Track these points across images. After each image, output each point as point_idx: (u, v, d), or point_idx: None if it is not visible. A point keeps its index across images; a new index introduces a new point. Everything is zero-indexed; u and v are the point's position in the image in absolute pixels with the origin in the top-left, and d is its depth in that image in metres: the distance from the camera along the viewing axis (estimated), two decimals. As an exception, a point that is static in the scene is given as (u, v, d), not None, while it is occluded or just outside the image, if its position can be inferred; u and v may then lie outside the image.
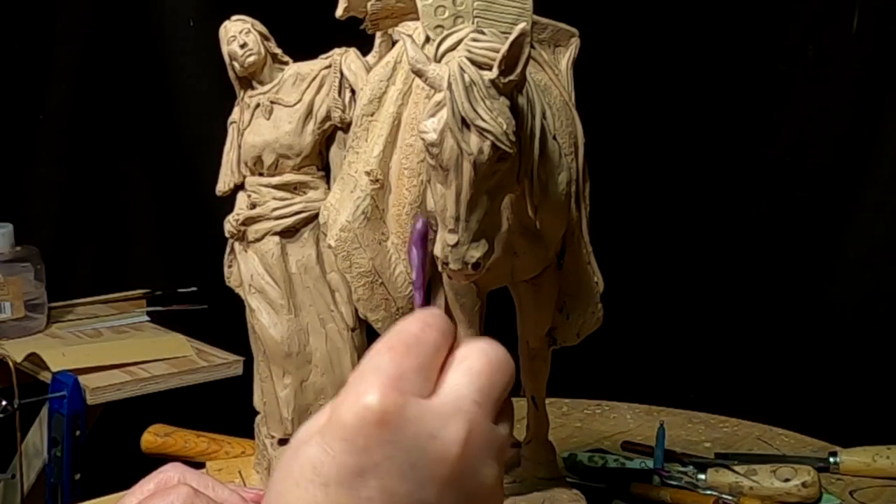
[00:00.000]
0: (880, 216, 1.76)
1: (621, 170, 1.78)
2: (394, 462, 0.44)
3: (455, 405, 0.46)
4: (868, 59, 1.74)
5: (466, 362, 0.48)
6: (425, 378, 0.47)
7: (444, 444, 0.45)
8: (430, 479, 0.45)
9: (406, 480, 0.44)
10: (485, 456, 0.47)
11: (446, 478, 0.45)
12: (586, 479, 1.33)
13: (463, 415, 0.46)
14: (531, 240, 1.03)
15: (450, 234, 0.91)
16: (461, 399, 0.47)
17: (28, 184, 1.89)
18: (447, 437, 0.45)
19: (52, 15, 1.82)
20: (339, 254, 1.09)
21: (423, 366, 0.47)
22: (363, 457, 0.44)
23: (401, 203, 1.07)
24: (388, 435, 0.44)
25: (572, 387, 1.63)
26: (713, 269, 1.85)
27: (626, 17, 1.77)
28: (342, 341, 1.30)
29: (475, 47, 0.91)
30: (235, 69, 1.30)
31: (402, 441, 0.44)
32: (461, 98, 0.88)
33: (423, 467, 0.45)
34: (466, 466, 0.46)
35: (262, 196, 1.31)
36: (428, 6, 1.00)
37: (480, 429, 0.47)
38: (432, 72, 0.91)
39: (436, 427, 0.45)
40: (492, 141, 0.88)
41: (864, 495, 1.35)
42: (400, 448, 0.44)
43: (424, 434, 0.45)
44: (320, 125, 1.29)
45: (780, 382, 1.75)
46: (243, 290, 1.32)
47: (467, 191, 0.90)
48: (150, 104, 1.89)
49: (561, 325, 1.15)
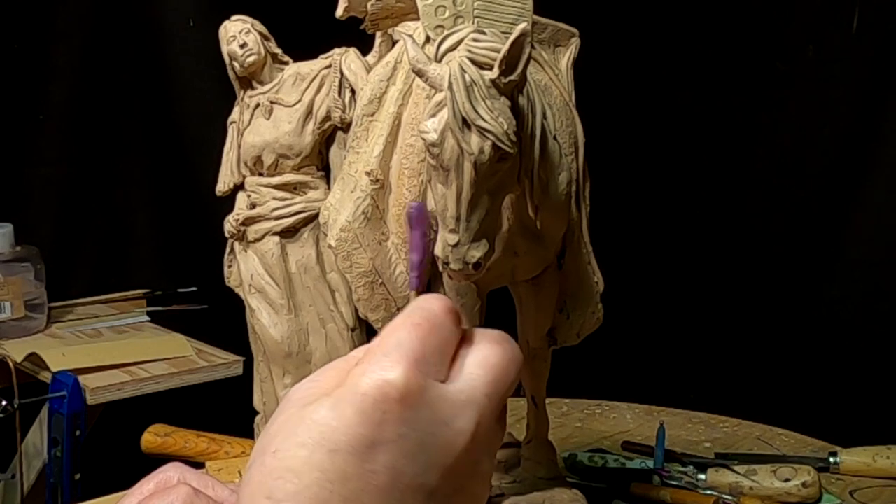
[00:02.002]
0: (880, 216, 1.76)
1: (621, 170, 1.78)
2: (406, 441, 0.44)
3: (469, 395, 0.46)
4: (868, 59, 1.74)
5: (483, 354, 0.48)
6: (441, 362, 0.47)
7: (454, 433, 0.45)
8: (436, 465, 0.45)
9: (414, 462, 0.44)
10: (486, 450, 0.47)
11: (450, 466, 0.45)
12: (586, 479, 1.33)
13: (475, 407, 0.46)
14: (532, 240, 1.03)
15: (450, 234, 0.91)
16: (475, 390, 0.46)
17: (28, 184, 1.89)
18: (458, 427, 0.45)
19: (52, 15, 1.82)
20: (340, 254, 1.09)
21: (442, 348, 0.47)
22: (377, 430, 0.43)
23: (401, 203, 1.07)
24: (407, 413, 0.44)
25: (572, 387, 1.63)
26: (713, 269, 1.85)
27: (626, 16, 1.77)
28: (342, 341, 1.30)
29: (476, 47, 0.91)
30: (235, 69, 1.30)
31: (418, 422, 0.44)
32: (462, 98, 0.88)
33: (431, 452, 0.44)
34: (470, 458, 0.46)
35: (262, 196, 1.31)
36: (428, 6, 1.01)
37: (487, 423, 0.46)
38: (433, 72, 0.91)
39: (449, 415, 0.45)
40: (493, 141, 0.88)
41: (864, 495, 1.35)
42: (414, 429, 0.44)
43: (438, 420, 0.45)
44: (320, 125, 1.29)
45: (780, 382, 1.75)
46: (243, 290, 1.32)
47: (468, 191, 0.90)
48: (150, 104, 1.89)
49: (561, 325, 1.16)
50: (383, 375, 0.44)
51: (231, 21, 1.30)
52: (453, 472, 0.45)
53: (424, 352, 0.46)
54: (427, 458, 0.44)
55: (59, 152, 1.89)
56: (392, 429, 0.43)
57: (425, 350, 0.46)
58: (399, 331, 0.46)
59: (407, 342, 0.46)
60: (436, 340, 0.46)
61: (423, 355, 0.45)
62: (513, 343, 0.49)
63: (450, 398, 0.46)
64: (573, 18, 1.05)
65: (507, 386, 0.48)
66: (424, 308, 0.48)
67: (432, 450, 0.44)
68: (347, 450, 0.43)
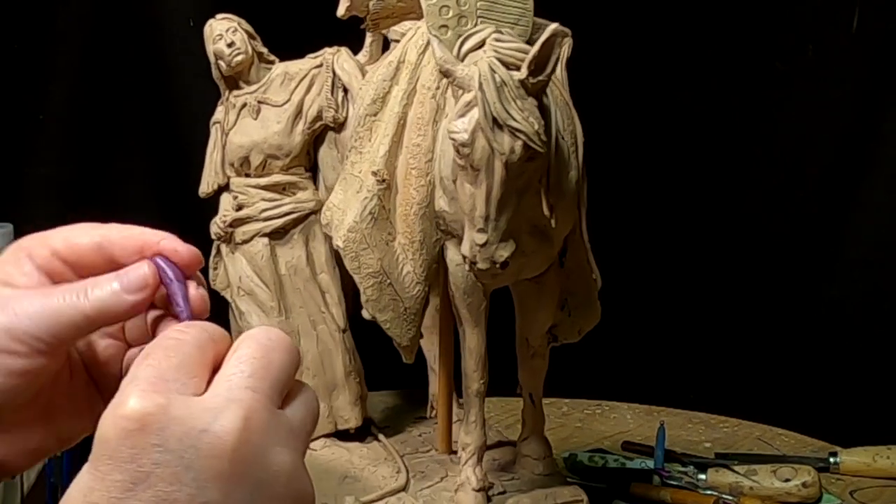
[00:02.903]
0: (880, 216, 1.75)
1: (621, 170, 1.78)
2: (166, 468, 0.42)
3: (227, 395, 0.44)
4: (868, 59, 1.74)
5: (236, 353, 0.46)
6: (189, 375, 0.45)
7: (217, 437, 0.43)
8: (211, 478, 0.42)
9: (183, 484, 0.42)
10: (270, 442, 0.44)
11: (227, 472, 0.43)
12: (586, 479, 1.33)
13: (236, 403, 0.44)
14: (539, 238, 1.03)
15: (479, 233, 0.92)
16: (233, 388, 0.45)
17: (28, 184, 1.89)
18: (219, 430, 0.43)
19: (52, 15, 1.82)
20: (348, 254, 1.09)
21: (185, 364, 0.45)
22: (131, 468, 0.42)
23: (408, 203, 1.07)
24: (154, 438, 0.42)
25: (572, 387, 1.63)
26: (713, 269, 1.85)
27: (625, 16, 1.77)
28: (333, 343, 1.29)
29: (501, 48, 0.92)
30: (221, 68, 1.28)
31: (170, 443, 0.42)
32: (493, 98, 0.89)
33: (199, 467, 0.42)
34: (248, 455, 0.43)
35: (250, 197, 1.29)
36: (432, 6, 1.01)
37: (260, 415, 0.44)
38: (461, 72, 0.92)
39: (206, 421, 0.43)
40: (524, 140, 0.90)
41: (864, 495, 1.35)
42: (169, 451, 0.42)
43: (194, 431, 0.43)
44: (310, 125, 1.27)
45: (780, 382, 1.75)
46: (231, 292, 1.30)
47: (498, 190, 0.91)
48: (150, 104, 1.89)
49: (563, 323, 1.16)
50: (115, 412, 0.43)
51: (216, 20, 1.28)
52: (236, 478, 0.43)
53: (159, 373, 0.44)
54: (198, 474, 0.42)
55: (59, 152, 1.89)
56: (146, 459, 0.42)
57: (161, 372, 0.44)
58: (133, 369, 0.45)
59: (139, 374, 0.44)
60: (175, 359, 0.45)
61: (157, 377, 0.44)
62: (270, 330, 0.48)
63: (204, 405, 0.44)
64: (572, 18, 1.05)
65: (277, 371, 0.46)
66: (157, 339, 0.47)
67: (200, 464, 0.42)
68: (109, 502, 0.42)
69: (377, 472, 1.23)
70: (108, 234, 0.54)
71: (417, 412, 1.39)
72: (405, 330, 1.11)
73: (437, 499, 1.17)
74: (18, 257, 0.53)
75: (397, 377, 1.44)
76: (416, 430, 1.35)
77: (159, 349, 0.46)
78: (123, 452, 0.42)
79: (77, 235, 0.54)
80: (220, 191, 1.32)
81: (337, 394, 1.29)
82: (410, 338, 1.13)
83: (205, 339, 0.47)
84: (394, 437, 1.32)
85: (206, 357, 0.46)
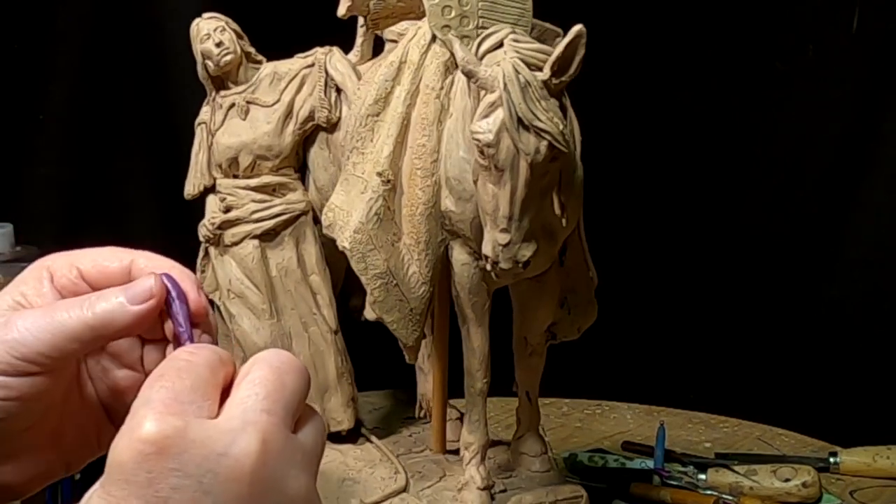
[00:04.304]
0: (880, 216, 1.76)
1: (621, 170, 1.78)
2: (184, 492, 0.41)
3: (242, 418, 0.44)
4: (868, 59, 1.74)
5: (249, 375, 0.46)
6: (204, 397, 0.44)
7: (236, 461, 0.42)
8: (230, 502, 0.42)
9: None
10: (287, 466, 0.44)
11: (246, 496, 0.42)
12: (586, 479, 1.33)
13: (253, 426, 0.43)
14: (545, 237, 1.03)
15: (501, 233, 0.93)
16: (248, 411, 0.44)
17: (28, 184, 1.89)
18: (238, 453, 0.42)
19: (52, 15, 1.82)
20: (355, 256, 1.08)
21: (198, 386, 0.44)
22: (148, 493, 0.41)
23: (414, 203, 1.07)
24: (172, 462, 0.41)
25: (572, 387, 1.64)
26: (713, 269, 1.85)
27: (624, 16, 1.77)
28: (325, 344, 1.28)
29: (522, 48, 0.93)
30: (209, 68, 1.26)
31: (189, 467, 0.41)
32: (518, 99, 0.90)
33: (218, 491, 0.42)
34: (266, 479, 0.43)
35: (239, 199, 1.27)
36: (435, 6, 1.01)
37: (276, 438, 0.44)
38: (484, 73, 0.93)
39: (224, 444, 0.42)
40: (549, 141, 0.90)
41: (865, 495, 1.35)
42: (187, 475, 0.41)
43: (213, 454, 0.42)
44: (301, 125, 1.25)
45: (780, 382, 1.75)
46: (219, 295, 1.28)
47: (522, 190, 0.92)
48: (150, 104, 1.89)
49: (562, 321, 1.17)
50: (131, 435, 0.42)
51: (203, 19, 1.27)
52: (257, 500, 0.43)
53: (175, 395, 0.44)
54: (215, 498, 0.42)
55: (59, 152, 1.89)
56: (164, 484, 0.41)
57: (176, 394, 0.44)
58: (144, 391, 0.44)
59: (153, 396, 0.44)
60: (188, 381, 0.44)
61: (173, 399, 0.43)
62: (280, 353, 0.48)
63: (221, 427, 0.43)
64: (572, 18, 1.05)
65: (290, 394, 0.46)
66: (167, 360, 0.46)
67: (219, 488, 0.42)
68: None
69: (375, 474, 1.23)
70: (138, 262, 0.54)
71: (406, 413, 1.39)
72: (411, 330, 1.11)
73: (439, 498, 1.17)
74: (39, 276, 0.53)
75: (382, 378, 1.44)
76: (407, 430, 1.34)
77: (172, 370, 0.45)
78: (140, 477, 0.41)
79: (106, 258, 0.54)
80: (206, 192, 1.30)
81: (329, 395, 1.28)
82: (415, 338, 1.13)
83: (215, 361, 0.46)
84: (385, 438, 1.31)
85: (217, 379, 0.46)
